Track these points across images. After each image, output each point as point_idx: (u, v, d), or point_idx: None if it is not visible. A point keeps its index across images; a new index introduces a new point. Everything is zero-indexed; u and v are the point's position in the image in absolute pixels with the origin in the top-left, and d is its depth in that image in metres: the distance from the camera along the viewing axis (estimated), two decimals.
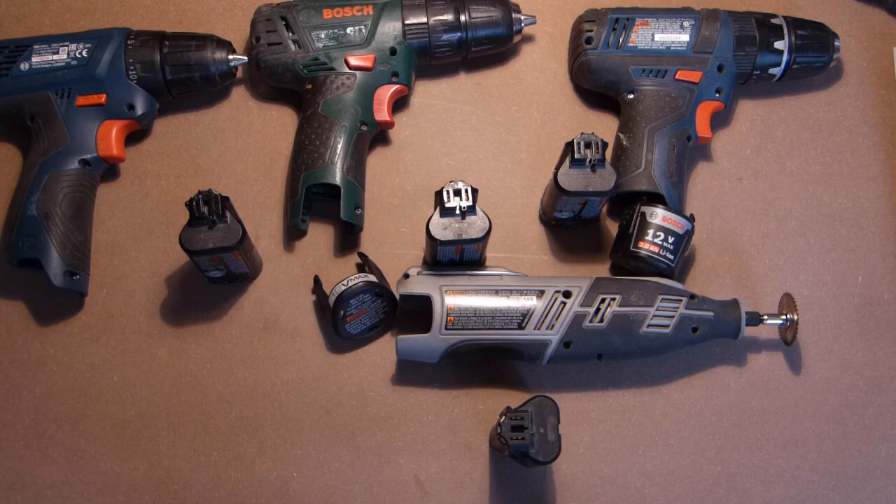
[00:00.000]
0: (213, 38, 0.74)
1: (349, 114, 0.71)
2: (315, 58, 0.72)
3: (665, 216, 0.68)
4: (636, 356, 0.68)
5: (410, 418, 0.69)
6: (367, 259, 0.71)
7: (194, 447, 0.68)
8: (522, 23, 0.76)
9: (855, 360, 0.72)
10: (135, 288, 0.72)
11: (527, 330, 0.65)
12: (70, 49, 0.71)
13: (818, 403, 0.71)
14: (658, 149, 0.71)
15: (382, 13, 0.73)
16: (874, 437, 0.70)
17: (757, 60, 0.74)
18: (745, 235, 0.75)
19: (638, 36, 0.73)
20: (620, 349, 0.66)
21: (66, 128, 0.70)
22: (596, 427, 0.69)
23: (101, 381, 0.70)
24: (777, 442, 0.69)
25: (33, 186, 0.69)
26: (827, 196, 0.76)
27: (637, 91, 0.73)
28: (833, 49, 0.75)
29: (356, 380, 0.70)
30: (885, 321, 0.73)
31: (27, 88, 0.71)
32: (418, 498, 0.68)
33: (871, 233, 0.75)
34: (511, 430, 0.58)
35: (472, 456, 0.68)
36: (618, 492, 0.68)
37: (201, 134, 0.76)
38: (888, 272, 0.74)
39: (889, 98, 0.79)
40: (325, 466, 0.68)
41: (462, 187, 0.62)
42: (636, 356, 0.68)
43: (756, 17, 0.75)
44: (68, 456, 0.68)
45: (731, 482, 0.68)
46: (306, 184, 0.70)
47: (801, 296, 0.72)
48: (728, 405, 0.70)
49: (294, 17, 0.73)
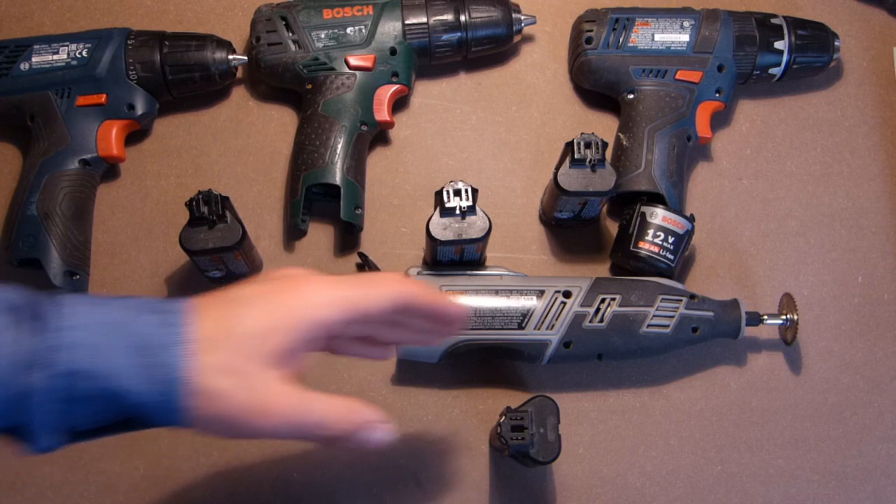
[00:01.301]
0: (213, 38, 0.74)
1: (349, 114, 0.71)
2: (315, 58, 0.72)
3: (665, 216, 0.68)
4: (636, 356, 0.68)
5: (410, 418, 0.69)
6: (367, 259, 0.71)
7: (194, 447, 0.68)
8: (522, 23, 0.76)
9: (855, 360, 0.72)
10: (135, 288, 0.72)
11: (527, 330, 0.65)
12: (70, 49, 0.71)
13: (818, 403, 0.71)
14: (658, 149, 0.71)
15: (382, 13, 0.73)
16: (874, 437, 0.70)
17: (757, 60, 0.74)
18: (745, 235, 0.75)
19: (638, 36, 0.73)
20: (620, 349, 0.66)
21: (66, 128, 0.70)
22: (596, 427, 0.69)
23: None
24: (777, 442, 0.69)
25: (33, 186, 0.69)
26: (827, 196, 0.76)
27: (637, 91, 0.73)
28: (833, 49, 0.75)
29: (356, 380, 0.70)
30: (885, 321, 0.73)
31: (27, 88, 0.71)
32: (418, 498, 0.68)
33: (871, 233, 0.75)
34: (511, 430, 0.58)
35: (472, 456, 0.68)
36: (618, 492, 0.68)
37: (201, 134, 0.76)
38: (888, 272, 0.74)
39: (889, 98, 0.79)
40: (325, 466, 0.68)
41: (462, 187, 0.62)
42: (636, 356, 0.68)
43: (756, 17, 0.75)
44: (68, 456, 0.68)
45: (731, 482, 0.68)
46: (306, 184, 0.70)
47: (801, 296, 0.72)
48: (728, 405, 0.70)
49: (294, 17, 0.73)
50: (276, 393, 0.41)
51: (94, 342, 0.38)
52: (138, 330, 0.39)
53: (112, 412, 0.40)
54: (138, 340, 0.39)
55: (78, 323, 0.38)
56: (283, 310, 0.42)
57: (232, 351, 0.40)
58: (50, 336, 0.37)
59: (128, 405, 0.39)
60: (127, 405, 0.39)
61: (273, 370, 0.41)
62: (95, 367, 0.38)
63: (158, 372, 0.38)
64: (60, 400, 0.38)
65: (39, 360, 0.37)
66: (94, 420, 0.40)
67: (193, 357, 0.39)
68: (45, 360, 0.37)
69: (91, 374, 0.38)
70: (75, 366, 0.37)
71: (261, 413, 0.41)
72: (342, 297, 0.43)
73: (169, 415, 0.40)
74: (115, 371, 0.38)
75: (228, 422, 0.40)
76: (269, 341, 0.41)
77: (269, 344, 0.41)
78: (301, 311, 0.42)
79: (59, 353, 0.37)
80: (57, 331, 0.38)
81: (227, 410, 0.40)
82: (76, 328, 0.38)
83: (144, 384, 0.38)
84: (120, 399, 0.38)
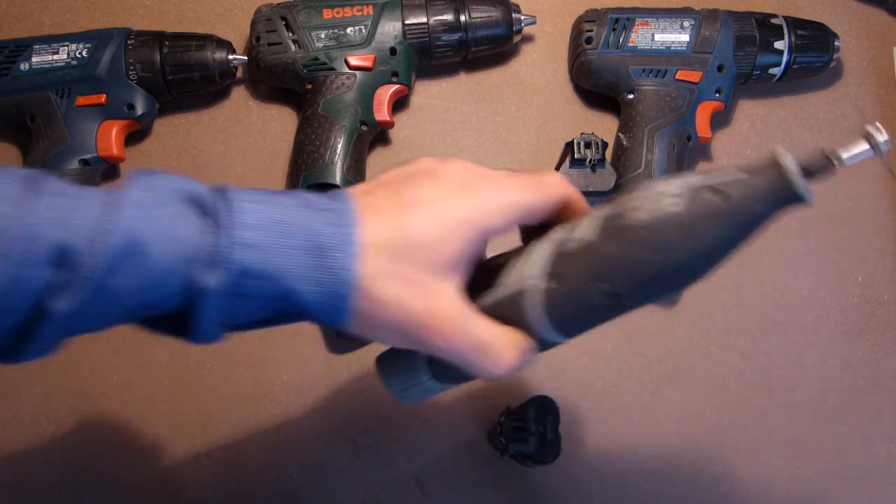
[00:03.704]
0: (213, 38, 0.74)
1: (349, 114, 0.71)
2: (315, 58, 0.72)
3: None
4: (660, 273, 0.40)
5: (410, 418, 0.69)
6: None
7: (194, 447, 0.68)
8: (522, 23, 0.76)
9: (855, 360, 0.72)
10: None
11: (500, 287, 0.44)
12: (70, 49, 0.71)
13: (818, 403, 0.71)
14: (658, 149, 0.71)
15: (382, 13, 0.73)
16: (874, 437, 0.70)
17: (757, 60, 0.74)
18: None
19: (638, 36, 0.73)
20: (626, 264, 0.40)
21: (66, 128, 0.70)
22: (596, 427, 0.69)
23: (101, 381, 0.70)
24: (777, 442, 0.69)
25: None
26: (827, 196, 0.76)
27: (637, 91, 0.73)
28: (833, 49, 0.75)
29: (356, 380, 0.70)
30: (885, 321, 0.73)
31: (27, 88, 0.71)
32: (418, 498, 0.68)
33: (871, 233, 0.75)
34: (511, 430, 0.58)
35: (472, 456, 0.68)
36: (618, 492, 0.68)
37: (201, 134, 0.76)
38: (888, 272, 0.74)
39: (889, 98, 0.79)
40: (325, 466, 0.68)
41: None
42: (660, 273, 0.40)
43: (756, 17, 0.75)
44: (68, 456, 0.68)
45: (731, 482, 0.68)
46: (306, 184, 0.70)
47: (801, 296, 0.72)
48: (728, 405, 0.70)
49: (294, 17, 0.73)
50: (448, 305, 0.40)
51: (265, 241, 0.37)
52: (308, 229, 0.38)
53: (277, 309, 0.39)
54: (308, 241, 0.37)
55: (248, 221, 0.37)
56: (458, 217, 0.40)
57: (405, 259, 0.38)
58: (223, 235, 0.36)
59: (295, 304, 0.38)
60: (294, 304, 0.38)
61: (446, 280, 0.40)
62: (267, 266, 0.37)
63: (330, 274, 0.38)
64: (230, 296, 0.37)
65: (218, 258, 0.36)
66: (258, 314, 0.39)
67: (366, 261, 0.38)
68: (222, 258, 0.36)
69: (262, 274, 0.37)
70: (247, 266, 0.37)
71: (430, 325, 0.39)
72: (516, 204, 0.41)
73: (335, 315, 0.39)
74: (285, 271, 0.37)
75: (395, 328, 0.39)
76: (442, 250, 0.39)
77: (443, 253, 0.39)
78: (475, 219, 0.40)
79: (233, 253, 0.36)
80: (230, 228, 0.37)
81: (396, 318, 0.39)
82: (247, 226, 0.37)
83: (314, 286, 0.37)
84: (288, 298, 0.38)
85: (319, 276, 0.38)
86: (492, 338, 0.41)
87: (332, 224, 0.38)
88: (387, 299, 0.38)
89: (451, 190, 0.41)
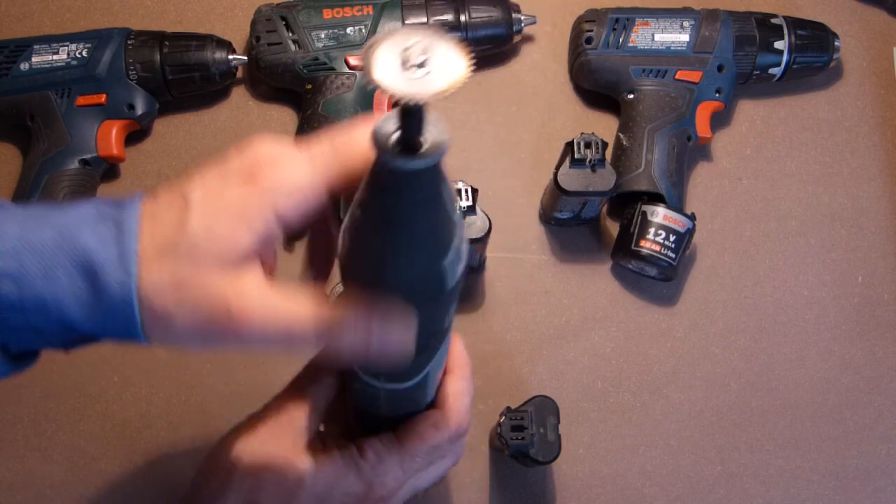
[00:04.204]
0: (213, 38, 0.74)
1: (349, 114, 0.71)
2: (315, 58, 0.72)
3: (666, 215, 0.68)
4: None
5: None
6: None
7: (194, 447, 0.68)
8: (522, 23, 0.76)
9: (855, 360, 0.72)
10: None
11: None
12: (70, 49, 0.71)
13: (818, 403, 0.71)
14: (658, 149, 0.71)
15: (382, 13, 0.73)
16: (874, 437, 0.70)
17: (757, 60, 0.74)
18: (745, 235, 0.75)
19: (638, 36, 0.73)
20: None
21: (66, 128, 0.70)
22: (596, 427, 0.69)
23: (101, 381, 0.70)
24: (777, 442, 0.69)
25: (33, 186, 0.69)
26: (827, 196, 0.76)
27: (637, 91, 0.73)
28: (833, 49, 0.75)
29: None
30: (885, 321, 0.73)
31: (27, 88, 0.71)
32: (418, 498, 0.68)
33: (871, 233, 0.75)
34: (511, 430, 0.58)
35: (472, 456, 0.68)
36: (618, 492, 0.68)
37: (201, 134, 0.76)
38: (888, 272, 0.74)
39: (889, 98, 0.79)
40: None
41: (462, 187, 0.62)
42: None
43: (756, 17, 0.75)
44: (68, 456, 0.68)
45: (731, 482, 0.68)
46: None
47: (801, 296, 0.72)
48: (728, 405, 0.70)
49: (294, 17, 0.73)
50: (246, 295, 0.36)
51: (20, 270, 0.33)
52: (78, 246, 0.34)
53: (66, 336, 0.36)
54: (78, 260, 0.34)
55: (4, 248, 0.33)
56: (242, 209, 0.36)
57: (191, 261, 0.35)
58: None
59: (81, 332, 0.35)
60: (80, 332, 0.35)
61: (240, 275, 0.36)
62: (24, 296, 0.33)
63: (107, 297, 0.34)
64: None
65: None
66: (49, 343, 0.36)
67: (150, 273, 0.34)
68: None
69: (22, 305, 0.33)
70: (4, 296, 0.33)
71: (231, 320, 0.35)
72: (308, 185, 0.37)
73: (130, 336, 0.36)
74: (50, 301, 0.33)
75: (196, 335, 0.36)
76: (230, 246, 0.35)
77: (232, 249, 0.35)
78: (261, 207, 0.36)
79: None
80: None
81: (192, 323, 0.35)
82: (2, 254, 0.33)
83: (92, 311, 0.34)
84: (72, 327, 0.35)
85: (96, 301, 0.34)
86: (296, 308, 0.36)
87: (111, 239, 0.34)
88: (176, 309, 0.35)
89: (238, 180, 0.37)
